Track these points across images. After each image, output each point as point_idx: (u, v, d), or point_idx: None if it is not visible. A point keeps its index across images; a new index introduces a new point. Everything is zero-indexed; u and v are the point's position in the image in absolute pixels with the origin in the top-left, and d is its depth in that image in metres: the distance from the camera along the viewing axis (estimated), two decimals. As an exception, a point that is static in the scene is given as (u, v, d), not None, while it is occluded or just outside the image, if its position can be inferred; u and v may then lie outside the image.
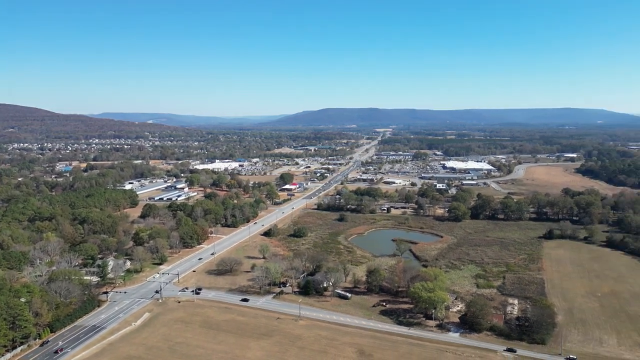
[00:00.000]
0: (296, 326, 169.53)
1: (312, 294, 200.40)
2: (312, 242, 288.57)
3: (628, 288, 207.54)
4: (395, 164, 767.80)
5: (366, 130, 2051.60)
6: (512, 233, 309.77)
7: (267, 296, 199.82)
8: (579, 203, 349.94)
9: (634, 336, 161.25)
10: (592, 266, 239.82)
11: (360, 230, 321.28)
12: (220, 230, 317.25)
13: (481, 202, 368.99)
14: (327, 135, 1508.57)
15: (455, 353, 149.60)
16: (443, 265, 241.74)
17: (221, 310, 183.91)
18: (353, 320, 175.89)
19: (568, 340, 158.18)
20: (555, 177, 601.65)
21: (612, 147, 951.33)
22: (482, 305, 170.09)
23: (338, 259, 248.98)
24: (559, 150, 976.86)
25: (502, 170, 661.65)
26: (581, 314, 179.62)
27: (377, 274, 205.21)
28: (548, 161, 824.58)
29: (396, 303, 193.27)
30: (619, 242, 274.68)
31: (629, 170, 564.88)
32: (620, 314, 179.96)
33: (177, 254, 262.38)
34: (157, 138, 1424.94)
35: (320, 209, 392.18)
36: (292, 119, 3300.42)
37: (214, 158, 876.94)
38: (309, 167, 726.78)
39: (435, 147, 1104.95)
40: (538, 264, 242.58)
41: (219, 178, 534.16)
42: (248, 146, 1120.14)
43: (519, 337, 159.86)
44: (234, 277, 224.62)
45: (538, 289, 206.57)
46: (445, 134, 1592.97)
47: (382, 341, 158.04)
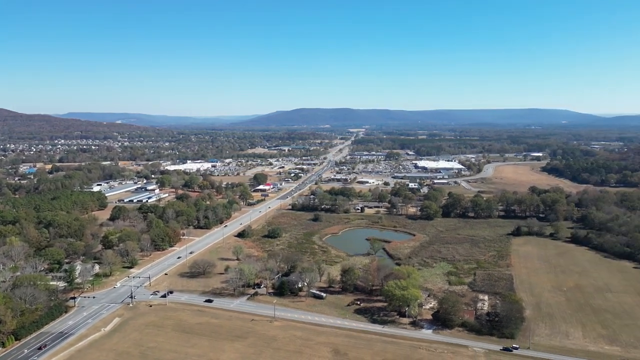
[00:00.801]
0: (271, 327, 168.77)
1: (287, 295, 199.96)
2: (286, 243, 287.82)
3: (592, 282, 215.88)
4: (368, 164, 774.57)
5: (340, 131, 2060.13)
6: (482, 231, 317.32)
7: (241, 298, 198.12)
8: (545, 201, 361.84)
9: (598, 329, 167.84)
10: (558, 261, 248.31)
11: (334, 230, 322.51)
12: (193, 232, 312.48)
13: (452, 201, 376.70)
14: (301, 136, 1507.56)
15: (429, 349, 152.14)
16: (416, 263, 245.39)
17: (194, 313, 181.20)
18: (328, 320, 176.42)
19: (536, 334, 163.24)
20: (523, 175, 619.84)
21: (576, 147, 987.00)
22: (453, 301, 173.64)
23: (313, 259, 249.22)
24: (526, 150, 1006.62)
25: (472, 169, 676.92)
26: (548, 308, 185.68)
27: (351, 273, 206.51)
28: (516, 160, 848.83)
29: (370, 301, 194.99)
30: (583, 238, 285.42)
31: (591, 168, 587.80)
32: (585, 307, 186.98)
33: (148, 257, 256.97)
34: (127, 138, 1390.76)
35: (295, 209, 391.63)
36: (265, 119, 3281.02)
37: (185, 159, 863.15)
38: (283, 168, 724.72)
39: (407, 147, 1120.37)
40: (507, 261, 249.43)
41: (191, 179, 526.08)
42: (221, 146, 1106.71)
43: (489, 332, 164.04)
44: (207, 279, 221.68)
45: (507, 284, 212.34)
46: (417, 134, 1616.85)
47: (357, 340, 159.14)
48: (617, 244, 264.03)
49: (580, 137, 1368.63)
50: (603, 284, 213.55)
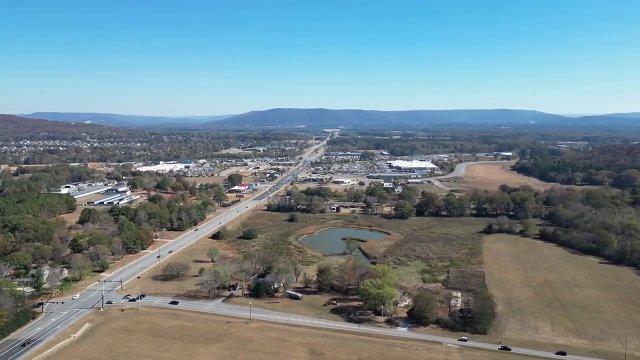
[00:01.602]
0: (247, 329, 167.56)
1: (263, 296, 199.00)
2: (262, 244, 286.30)
3: (560, 277, 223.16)
4: (343, 164, 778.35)
5: (315, 131, 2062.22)
6: (455, 229, 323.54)
7: (216, 300, 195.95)
8: (515, 199, 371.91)
9: (566, 322, 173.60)
10: (527, 258, 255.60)
11: (310, 230, 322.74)
12: (166, 235, 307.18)
13: (426, 200, 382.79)
14: (276, 136, 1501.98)
15: (404, 347, 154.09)
16: (391, 261, 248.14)
17: (168, 317, 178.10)
18: (304, 320, 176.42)
19: (507, 329, 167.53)
20: (493, 174, 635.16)
21: (544, 146, 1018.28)
22: (428, 299, 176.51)
23: (289, 259, 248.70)
24: (496, 149, 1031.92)
25: (445, 168, 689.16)
26: (518, 304, 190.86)
27: (327, 273, 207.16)
28: (486, 159, 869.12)
29: (346, 301, 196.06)
30: (550, 234, 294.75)
31: (558, 167, 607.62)
32: (554, 302, 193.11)
33: (120, 260, 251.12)
34: (96, 139, 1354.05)
35: (271, 210, 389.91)
36: (240, 119, 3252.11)
37: (158, 159, 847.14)
38: (258, 168, 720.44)
39: (381, 147, 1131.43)
40: (479, 258, 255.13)
41: (164, 180, 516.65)
42: (194, 147, 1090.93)
43: (463, 328, 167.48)
44: (181, 282, 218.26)
45: (479, 281, 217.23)
46: (391, 134, 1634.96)
47: (333, 339, 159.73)
48: (583, 240, 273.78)
49: (547, 136, 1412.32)
50: (570, 279, 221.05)
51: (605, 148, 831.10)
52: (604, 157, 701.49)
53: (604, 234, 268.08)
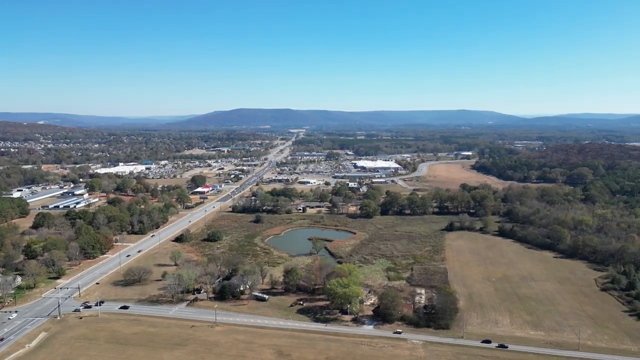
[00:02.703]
0: (212, 333, 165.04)
1: (229, 299, 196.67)
2: (227, 246, 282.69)
3: (517, 272, 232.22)
4: (309, 164, 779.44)
5: (280, 131, 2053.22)
6: (418, 227, 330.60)
7: (180, 304, 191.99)
8: (475, 197, 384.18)
9: (524, 315, 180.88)
10: (487, 254, 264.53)
11: (276, 231, 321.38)
12: (127, 238, 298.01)
13: (390, 199, 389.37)
14: (241, 136, 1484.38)
15: (370, 345, 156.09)
16: (357, 260, 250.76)
17: (130, 323, 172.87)
18: (271, 322, 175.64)
19: (469, 323, 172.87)
20: (454, 173, 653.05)
21: (501, 146, 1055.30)
22: (393, 296, 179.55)
23: (255, 261, 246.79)
24: (457, 149, 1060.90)
25: (408, 168, 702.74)
26: (479, 299, 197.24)
27: (294, 273, 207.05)
28: (447, 159, 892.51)
29: (313, 301, 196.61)
30: (508, 231, 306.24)
31: (515, 166, 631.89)
32: (512, 296, 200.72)
33: (78, 266, 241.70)
34: (51, 140, 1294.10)
35: (236, 211, 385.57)
36: (202, 119, 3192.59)
37: (117, 161, 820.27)
38: (222, 169, 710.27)
39: (346, 147, 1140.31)
40: (441, 255, 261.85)
41: (124, 182, 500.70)
42: (155, 148, 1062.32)
43: (427, 324, 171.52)
44: (143, 286, 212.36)
45: (442, 277, 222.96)
46: (356, 135, 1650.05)
47: (300, 340, 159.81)
48: (538, 235, 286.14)
49: (505, 136, 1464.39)
50: (527, 273, 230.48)
51: (558, 147, 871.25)
52: (557, 156, 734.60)
53: (557, 229, 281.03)
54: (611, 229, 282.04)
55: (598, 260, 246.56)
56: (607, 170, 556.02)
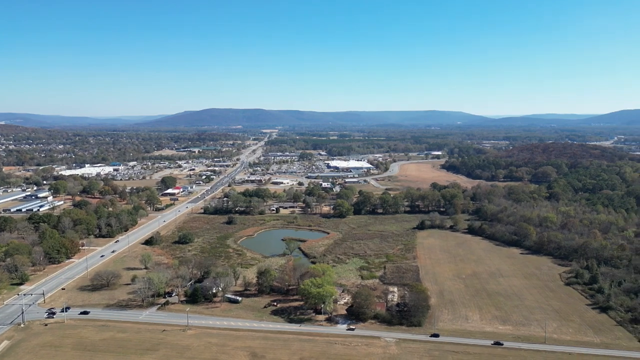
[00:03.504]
0: (184, 336, 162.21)
1: (201, 301, 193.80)
2: (199, 248, 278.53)
3: (486, 269, 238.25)
4: (282, 165, 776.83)
5: (252, 131, 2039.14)
6: (390, 226, 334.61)
7: (151, 308, 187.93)
8: (445, 196, 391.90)
9: (492, 311, 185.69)
10: (457, 251, 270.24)
11: (249, 232, 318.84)
12: (94, 242, 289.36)
13: (362, 199, 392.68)
14: (212, 136, 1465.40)
15: (344, 344, 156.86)
16: (330, 260, 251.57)
17: (98, 329, 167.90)
18: (244, 324, 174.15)
19: (440, 320, 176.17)
20: (425, 173, 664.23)
21: (470, 145, 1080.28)
22: (366, 295, 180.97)
23: (227, 262, 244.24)
24: (427, 149, 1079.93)
25: (380, 168, 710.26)
26: (450, 295, 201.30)
27: (267, 274, 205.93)
28: (418, 159, 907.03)
29: (287, 301, 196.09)
30: (477, 228, 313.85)
31: (483, 165, 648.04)
32: (481, 292, 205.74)
33: (42, 271, 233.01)
34: (12, 141, 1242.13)
35: (207, 213, 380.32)
36: (172, 120, 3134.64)
37: (83, 162, 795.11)
38: (193, 170, 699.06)
39: (319, 147, 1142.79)
40: (413, 253, 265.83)
41: (90, 184, 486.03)
42: (123, 149, 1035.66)
43: (399, 322, 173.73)
44: (112, 291, 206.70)
45: (414, 275, 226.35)
46: (329, 135, 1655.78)
47: (274, 341, 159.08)
48: (506, 233, 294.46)
49: (473, 136, 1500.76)
50: (495, 269, 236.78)
51: (524, 147, 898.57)
52: (523, 155, 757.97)
53: (524, 226, 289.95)
54: (574, 225, 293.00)
55: (562, 256, 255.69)
56: (570, 169, 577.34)
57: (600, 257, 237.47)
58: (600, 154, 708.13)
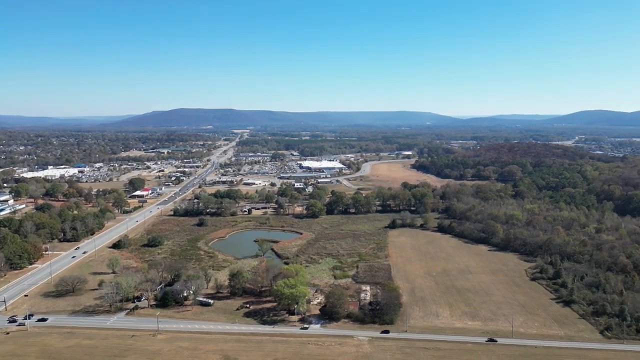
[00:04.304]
0: (154, 341, 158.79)
1: (172, 305, 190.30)
2: (169, 251, 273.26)
3: (456, 266, 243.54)
4: (254, 165, 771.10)
5: (223, 132, 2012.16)
6: (363, 225, 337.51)
7: (119, 314, 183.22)
8: (415, 195, 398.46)
9: (462, 307, 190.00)
10: (427, 249, 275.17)
11: (221, 234, 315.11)
12: (59, 246, 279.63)
13: (335, 199, 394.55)
14: (182, 137, 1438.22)
15: (317, 344, 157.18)
16: (303, 260, 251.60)
17: (63, 336, 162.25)
18: (216, 327, 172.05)
19: (412, 317, 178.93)
20: (396, 172, 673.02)
21: (439, 145, 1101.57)
22: (339, 295, 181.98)
23: (199, 265, 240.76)
24: (398, 149, 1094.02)
25: (352, 168, 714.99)
26: (421, 293, 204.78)
27: (240, 276, 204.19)
28: (389, 159, 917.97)
29: (260, 303, 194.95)
30: (447, 226, 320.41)
31: (452, 164, 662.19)
32: (451, 289, 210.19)
33: (3, 278, 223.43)
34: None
35: (177, 215, 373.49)
36: (140, 120, 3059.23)
37: (46, 164, 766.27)
38: (162, 171, 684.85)
39: (292, 147, 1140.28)
40: (385, 252, 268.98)
41: (54, 187, 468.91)
42: (89, 150, 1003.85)
43: (372, 320, 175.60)
44: (77, 297, 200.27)
45: (386, 274, 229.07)
46: (301, 135, 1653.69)
47: (247, 343, 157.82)
48: (474, 230, 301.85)
49: (442, 136, 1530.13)
50: (464, 266, 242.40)
51: (490, 147, 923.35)
52: (490, 154, 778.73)
53: (491, 224, 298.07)
54: (538, 222, 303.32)
55: (528, 252, 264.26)
56: (534, 168, 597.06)
57: (563, 253, 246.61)
58: (563, 153, 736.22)
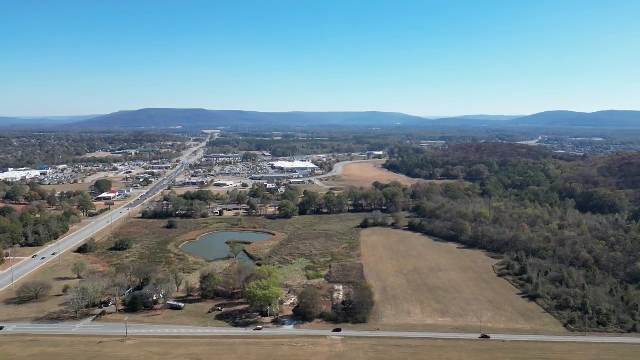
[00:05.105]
0: (123, 347, 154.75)
1: (141, 310, 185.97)
2: (138, 254, 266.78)
3: (426, 264, 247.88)
4: (225, 166, 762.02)
5: (193, 132, 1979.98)
6: (335, 225, 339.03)
7: (85, 320, 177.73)
8: (387, 194, 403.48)
9: (433, 304, 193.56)
10: (399, 248, 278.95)
11: (192, 236, 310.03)
12: (20, 251, 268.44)
13: (307, 199, 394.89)
14: (150, 137, 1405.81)
15: (290, 345, 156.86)
16: (276, 261, 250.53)
17: (26, 345, 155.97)
18: (188, 330, 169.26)
19: (384, 315, 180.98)
20: (367, 172, 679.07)
21: (409, 145, 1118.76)
22: (312, 295, 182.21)
23: (169, 268, 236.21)
24: (369, 149, 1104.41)
25: (324, 168, 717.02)
26: (393, 291, 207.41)
27: (211, 279, 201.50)
28: (361, 159, 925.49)
29: (232, 305, 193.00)
30: (417, 225, 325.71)
31: (422, 164, 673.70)
32: (422, 287, 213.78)
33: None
34: None
35: (146, 217, 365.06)
36: (106, 120, 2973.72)
37: (6, 166, 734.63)
38: (130, 173, 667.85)
39: (263, 147, 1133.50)
40: (357, 251, 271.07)
41: (15, 190, 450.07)
42: (52, 151, 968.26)
43: (345, 319, 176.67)
44: (41, 303, 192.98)
45: (358, 273, 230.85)
46: (273, 135, 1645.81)
47: (219, 346, 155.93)
48: (444, 229, 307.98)
49: (412, 136, 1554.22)
50: (435, 264, 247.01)
51: (459, 146, 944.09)
52: (458, 154, 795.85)
53: (460, 222, 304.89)
54: (505, 220, 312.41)
55: (495, 249, 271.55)
56: (500, 167, 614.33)
57: (528, 249, 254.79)
58: (527, 152, 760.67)
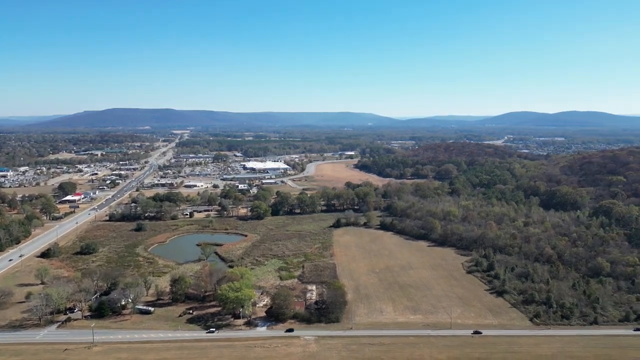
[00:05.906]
0: (90, 354, 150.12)
1: (108, 315, 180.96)
2: (105, 258, 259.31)
3: (398, 262, 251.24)
4: (195, 167, 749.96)
5: (162, 132, 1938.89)
6: (308, 225, 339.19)
7: (50, 327, 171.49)
8: (359, 194, 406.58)
9: (404, 302, 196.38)
10: (371, 247, 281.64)
11: (161, 239, 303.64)
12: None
13: (280, 199, 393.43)
14: (117, 138, 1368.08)
15: (264, 346, 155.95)
16: (248, 263, 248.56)
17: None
18: (158, 335, 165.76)
19: (357, 314, 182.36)
20: (339, 172, 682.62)
21: (380, 145, 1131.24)
22: (285, 296, 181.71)
23: (137, 272, 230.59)
24: (341, 149, 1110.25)
25: (297, 168, 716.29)
26: (365, 290, 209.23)
27: (182, 282, 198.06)
28: (333, 159, 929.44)
29: (204, 308, 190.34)
30: (389, 224, 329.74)
31: (393, 164, 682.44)
32: (394, 285, 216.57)
33: None
34: None
35: (113, 220, 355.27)
36: (70, 120, 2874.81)
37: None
38: (96, 174, 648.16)
39: (235, 148, 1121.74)
40: (330, 251, 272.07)
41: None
42: (12, 152, 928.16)
43: (318, 319, 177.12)
44: (2, 311, 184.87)
45: (331, 273, 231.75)
46: (244, 136, 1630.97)
47: (191, 350, 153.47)
48: (414, 227, 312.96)
49: (383, 137, 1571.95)
50: (406, 262, 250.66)
51: (428, 146, 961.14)
52: (428, 154, 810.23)
53: (430, 220, 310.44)
54: (473, 218, 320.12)
55: (464, 246, 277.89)
56: (468, 166, 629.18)
57: (496, 246, 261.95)
58: (494, 152, 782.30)
